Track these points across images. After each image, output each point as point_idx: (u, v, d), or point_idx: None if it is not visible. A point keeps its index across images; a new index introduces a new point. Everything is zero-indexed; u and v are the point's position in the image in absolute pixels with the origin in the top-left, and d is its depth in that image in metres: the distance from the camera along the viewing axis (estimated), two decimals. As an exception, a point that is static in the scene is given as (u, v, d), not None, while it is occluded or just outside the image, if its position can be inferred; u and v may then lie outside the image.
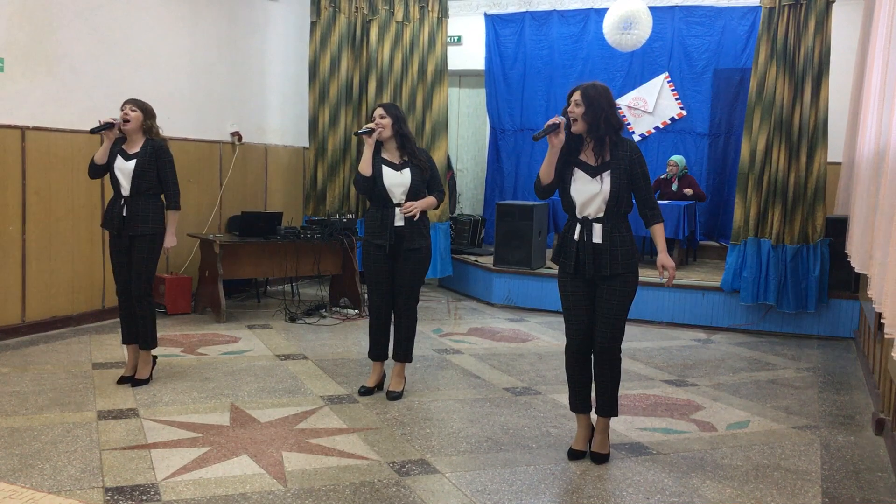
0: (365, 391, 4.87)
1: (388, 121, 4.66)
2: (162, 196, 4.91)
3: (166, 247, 4.92)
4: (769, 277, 7.00)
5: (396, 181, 4.67)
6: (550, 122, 3.73)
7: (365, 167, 4.64)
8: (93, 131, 4.75)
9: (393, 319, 4.88)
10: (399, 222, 4.67)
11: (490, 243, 9.21)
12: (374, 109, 4.79)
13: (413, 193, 4.70)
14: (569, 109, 3.76)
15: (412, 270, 4.74)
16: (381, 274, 4.77)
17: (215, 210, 7.90)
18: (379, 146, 4.72)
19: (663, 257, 3.83)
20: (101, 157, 4.76)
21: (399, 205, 4.68)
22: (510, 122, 10.06)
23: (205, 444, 3.94)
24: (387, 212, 4.68)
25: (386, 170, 4.68)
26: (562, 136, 3.75)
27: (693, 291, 7.44)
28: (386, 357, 4.93)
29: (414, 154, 4.73)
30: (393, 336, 4.88)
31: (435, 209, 4.98)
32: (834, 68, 6.89)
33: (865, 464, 4.04)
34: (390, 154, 4.73)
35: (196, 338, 6.24)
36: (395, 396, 4.81)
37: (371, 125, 4.66)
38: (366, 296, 5.91)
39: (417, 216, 4.68)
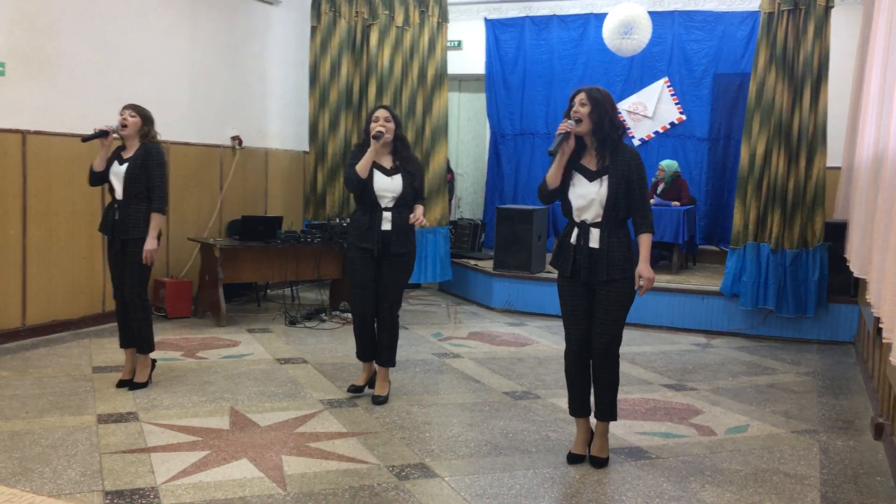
0: (354, 389, 4.88)
1: (392, 125, 4.65)
2: None
3: (147, 249, 4.68)
4: (769, 282, 7.01)
5: (387, 186, 4.64)
6: (561, 129, 3.73)
7: (363, 169, 4.59)
8: (85, 139, 4.73)
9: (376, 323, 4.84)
10: (386, 226, 4.63)
11: (490, 247, 9.21)
12: (374, 110, 4.73)
13: (402, 201, 4.66)
14: (573, 110, 3.77)
15: (397, 275, 4.70)
16: (367, 278, 4.72)
17: (216, 214, 7.91)
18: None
19: (643, 266, 3.83)
20: (99, 164, 4.78)
21: (387, 209, 4.65)
22: (510, 127, 10.07)
23: (204, 447, 3.94)
24: (375, 215, 4.65)
25: (377, 174, 4.64)
26: (572, 142, 3.76)
27: (693, 295, 7.45)
28: (374, 357, 4.91)
29: (407, 160, 4.70)
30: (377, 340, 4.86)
31: None
32: (833, 73, 6.91)
33: (864, 468, 4.04)
34: (382, 158, 4.69)
35: (196, 341, 6.25)
36: (380, 401, 4.78)
37: (380, 129, 4.58)
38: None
39: (389, 225, 4.63)
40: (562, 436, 4.32)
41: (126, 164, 4.73)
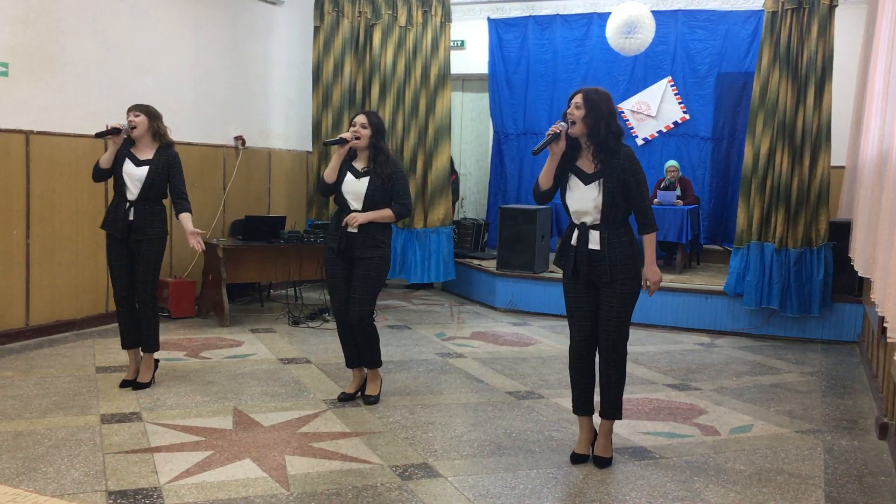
0: (344, 397, 4.83)
1: (367, 132, 4.62)
2: (164, 201, 4.94)
3: (198, 236, 4.91)
4: (773, 281, 7.00)
5: (351, 188, 4.64)
6: (551, 131, 3.75)
7: (330, 174, 4.65)
8: (98, 135, 4.78)
9: None
10: (352, 228, 4.61)
11: (493, 247, 9.20)
12: (355, 116, 4.73)
13: (368, 202, 4.62)
14: (568, 112, 3.76)
15: (362, 277, 4.64)
16: (338, 278, 4.73)
17: (219, 214, 7.92)
18: (353, 153, 4.71)
19: (648, 269, 3.85)
20: (106, 161, 4.78)
21: (355, 211, 4.62)
22: (513, 127, 10.06)
23: (208, 447, 3.95)
24: (341, 216, 4.67)
25: (349, 176, 4.66)
26: (562, 143, 3.76)
27: (696, 295, 7.44)
28: (361, 362, 4.89)
29: (380, 163, 4.64)
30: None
31: (394, 222, 4.79)
32: (837, 72, 6.89)
33: (869, 468, 4.03)
34: (360, 162, 4.70)
35: (199, 342, 6.25)
36: (371, 401, 4.78)
37: (344, 135, 4.63)
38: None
39: (356, 229, 4.58)
40: (565, 435, 4.31)
41: (146, 168, 4.78)
